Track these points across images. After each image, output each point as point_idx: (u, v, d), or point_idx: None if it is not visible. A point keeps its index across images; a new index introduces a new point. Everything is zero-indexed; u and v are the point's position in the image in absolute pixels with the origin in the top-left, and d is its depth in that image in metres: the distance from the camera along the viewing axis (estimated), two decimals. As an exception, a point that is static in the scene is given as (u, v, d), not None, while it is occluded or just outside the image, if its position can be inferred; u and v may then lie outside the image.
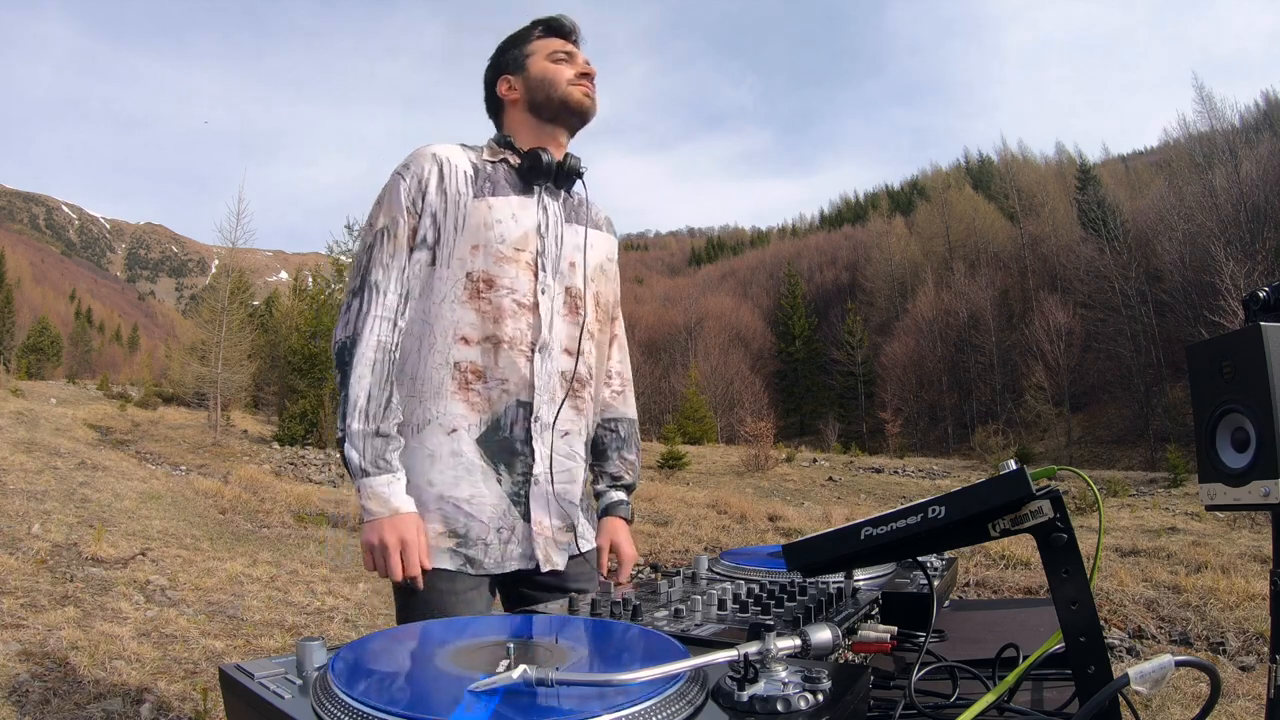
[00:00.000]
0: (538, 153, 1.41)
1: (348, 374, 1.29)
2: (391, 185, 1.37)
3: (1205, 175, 38.80)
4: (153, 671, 3.49)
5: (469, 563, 1.34)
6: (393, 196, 1.36)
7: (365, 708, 0.57)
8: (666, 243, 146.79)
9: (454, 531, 1.33)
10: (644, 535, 9.38)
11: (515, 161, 1.44)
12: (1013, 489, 0.72)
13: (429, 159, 1.37)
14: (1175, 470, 18.58)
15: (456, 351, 1.35)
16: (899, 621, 1.07)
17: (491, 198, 1.38)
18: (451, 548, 1.33)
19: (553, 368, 1.41)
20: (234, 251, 23.28)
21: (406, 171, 1.37)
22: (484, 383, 1.35)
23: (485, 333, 1.35)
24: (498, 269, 1.36)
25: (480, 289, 1.35)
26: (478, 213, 1.36)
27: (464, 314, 1.35)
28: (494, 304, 1.36)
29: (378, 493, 1.25)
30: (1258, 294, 1.06)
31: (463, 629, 0.84)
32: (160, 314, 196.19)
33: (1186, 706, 3.42)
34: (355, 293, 1.34)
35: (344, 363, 1.30)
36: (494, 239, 1.36)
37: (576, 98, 1.45)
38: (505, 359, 1.36)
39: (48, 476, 9.58)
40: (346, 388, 1.28)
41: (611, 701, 0.57)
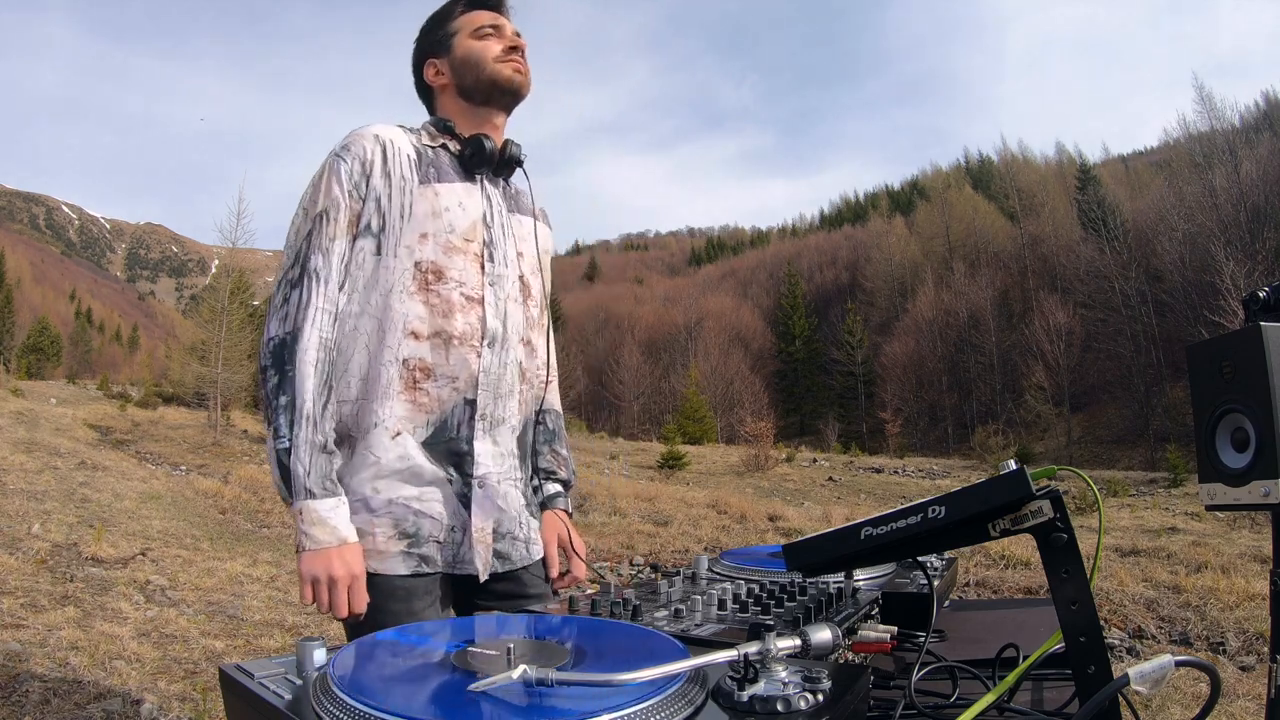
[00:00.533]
0: (480, 139, 1.34)
1: (289, 374, 1.17)
2: (330, 166, 1.26)
3: (1205, 175, 38.83)
4: (153, 671, 3.49)
5: (423, 561, 1.25)
6: (332, 179, 1.25)
7: (365, 708, 0.57)
8: (666, 243, 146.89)
9: (404, 532, 1.25)
10: (644, 535, 9.39)
11: (456, 148, 1.36)
12: (1013, 489, 0.72)
13: (371, 140, 1.27)
14: (1175, 470, 18.59)
15: (406, 347, 1.26)
16: (899, 621, 1.07)
17: (438, 184, 1.30)
18: (404, 549, 1.24)
19: (508, 359, 1.34)
20: (234, 251, 23.28)
21: (346, 153, 1.26)
22: (433, 381, 1.27)
23: (435, 327, 1.27)
24: (446, 260, 1.28)
25: (429, 280, 1.27)
26: (424, 199, 1.28)
27: (413, 306, 1.26)
28: (443, 297, 1.27)
29: (324, 519, 1.14)
30: (1258, 294, 1.06)
31: (463, 629, 0.84)
32: (160, 314, 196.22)
33: (1186, 706, 3.43)
34: (294, 284, 1.21)
35: (282, 361, 1.18)
36: (443, 228, 1.29)
37: (506, 75, 1.37)
38: (456, 355, 1.28)
39: (48, 476, 9.58)
40: (291, 390, 1.16)
41: (611, 701, 0.57)
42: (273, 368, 1.18)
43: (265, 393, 1.19)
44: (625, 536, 9.21)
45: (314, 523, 1.14)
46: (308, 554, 1.14)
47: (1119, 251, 42.34)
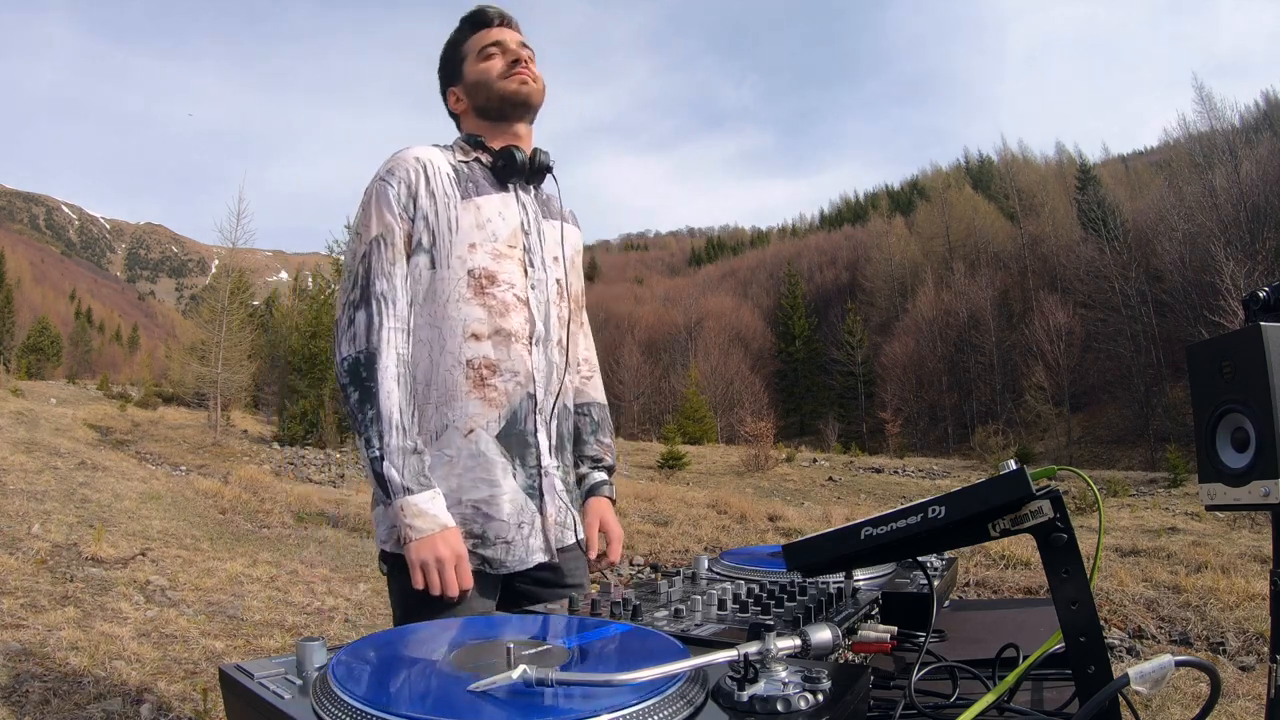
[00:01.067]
0: (511, 151, 1.41)
1: (373, 390, 1.25)
2: (379, 191, 1.34)
3: (1205, 175, 38.81)
4: (153, 671, 3.49)
5: (486, 563, 1.34)
6: (382, 203, 1.33)
7: (365, 708, 0.57)
8: (666, 243, 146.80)
9: (471, 533, 1.33)
10: (644, 535, 9.38)
11: (488, 160, 1.44)
12: (1013, 489, 0.72)
13: (412, 163, 1.36)
14: (1175, 470, 18.59)
15: (469, 349, 1.34)
16: (899, 621, 1.07)
17: (478, 197, 1.38)
18: (470, 549, 1.32)
19: (552, 357, 1.43)
20: (234, 251, 23.30)
21: (392, 177, 1.35)
22: (499, 376, 1.36)
23: (494, 326, 1.36)
24: (496, 265, 1.37)
25: (484, 284, 1.36)
26: (469, 213, 1.36)
27: (471, 310, 1.34)
28: (498, 299, 1.36)
29: (424, 510, 1.23)
30: (1258, 294, 1.06)
31: (463, 629, 0.84)
32: (160, 314, 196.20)
33: (1186, 706, 3.42)
34: (358, 305, 1.30)
35: (363, 379, 1.25)
36: (489, 237, 1.37)
37: (512, 89, 1.43)
38: (515, 351, 1.37)
39: (48, 476, 9.58)
40: (375, 404, 1.24)
41: (611, 701, 0.57)
42: (352, 385, 1.26)
43: (350, 409, 1.27)
44: (625, 536, 9.17)
45: (415, 514, 1.22)
46: (415, 543, 1.22)
47: (1119, 251, 42.32)
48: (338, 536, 8.41)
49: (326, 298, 26.48)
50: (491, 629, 0.84)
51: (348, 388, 1.26)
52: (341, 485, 14.25)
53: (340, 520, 9.45)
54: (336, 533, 8.72)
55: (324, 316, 24.95)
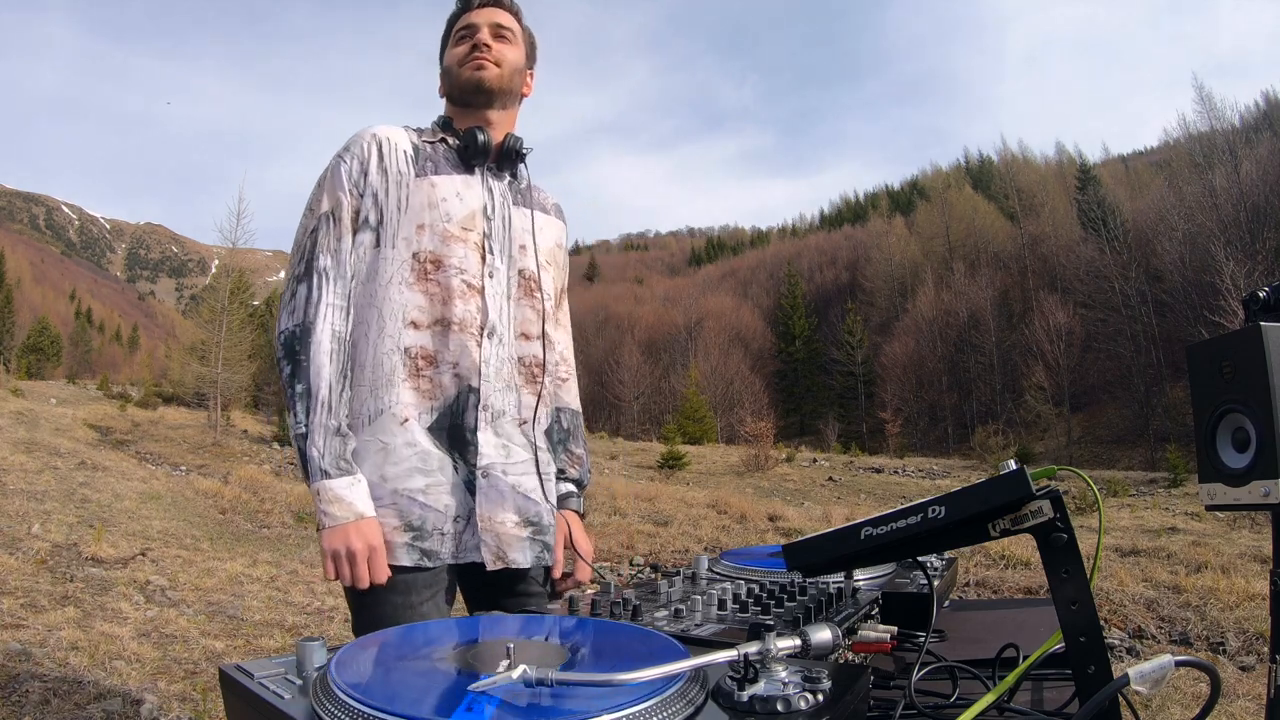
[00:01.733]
0: (474, 131, 1.36)
1: (303, 365, 1.22)
2: (332, 167, 1.31)
3: (1205, 175, 38.82)
4: (153, 671, 3.49)
5: (425, 555, 1.26)
6: (334, 179, 1.30)
7: (365, 708, 0.57)
8: (666, 243, 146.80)
9: (409, 525, 1.26)
10: (644, 535, 9.38)
11: (453, 142, 1.40)
12: (1013, 489, 0.72)
13: (368, 139, 1.33)
14: (1175, 470, 18.58)
15: (406, 336, 1.29)
16: (899, 621, 1.07)
17: (434, 176, 1.34)
18: (408, 542, 1.26)
19: (505, 353, 1.35)
20: (234, 251, 23.28)
21: (347, 153, 1.32)
22: (434, 368, 1.29)
23: (435, 315, 1.30)
24: (445, 248, 1.31)
25: (428, 270, 1.30)
26: (421, 191, 1.32)
27: (412, 296, 1.29)
28: (442, 285, 1.30)
29: (340, 496, 1.18)
30: (1258, 294, 1.06)
31: (463, 629, 0.84)
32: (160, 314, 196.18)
33: (1186, 706, 3.42)
34: (300, 279, 1.26)
35: (295, 353, 1.22)
36: (439, 218, 1.32)
37: (465, 76, 1.39)
38: (456, 342, 1.30)
39: (48, 476, 9.58)
40: (305, 379, 1.21)
41: (611, 701, 0.57)
42: (286, 359, 1.23)
43: (282, 383, 1.24)
44: (625, 536, 9.20)
45: (331, 500, 1.18)
46: (327, 531, 1.18)
47: (1119, 251, 42.32)
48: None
49: (326, 298, 26.41)
50: (491, 629, 0.84)
51: (282, 361, 1.24)
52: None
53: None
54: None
55: (324, 316, 24.90)
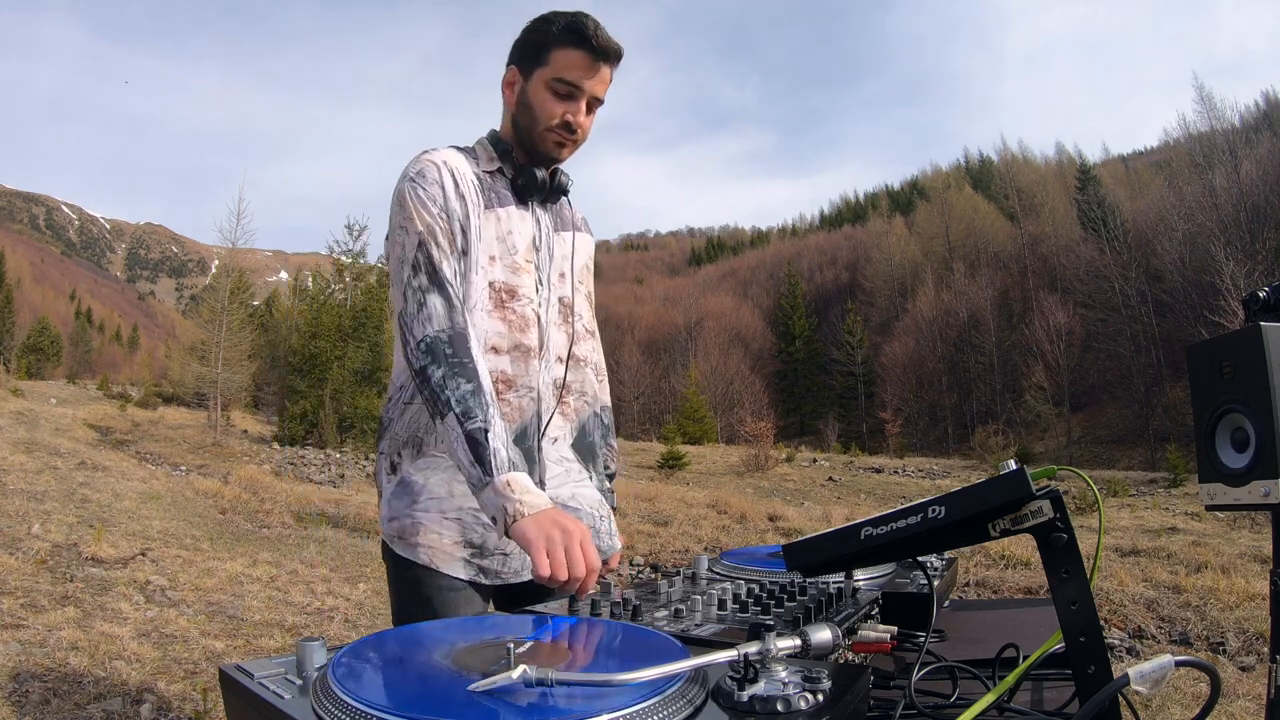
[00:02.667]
0: (533, 171, 1.38)
1: (468, 364, 1.17)
2: (408, 192, 1.29)
3: (1205, 175, 38.83)
4: (153, 671, 3.49)
5: (481, 573, 1.31)
6: (418, 202, 1.28)
7: (365, 708, 0.57)
8: (666, 243, 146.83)
9: (470, 542, 1.30)
10: (644, 535, 9.38)
11: (510, 174, 1.40)
12: (1013, 489, 0.72)
13: (441, 165, 1.31)
14: (1175, 470, 18.59)
15: (490, 361, 1.31)
16: (899, 621, 1.07)
17: (500, 209, 1.36)
18: (466, 558, 1.30)
19: (549, 377, 1.40)
20: (234, 251, 23.31)
21: (422, 179, 1.30)
22: (514, 391, 1.33)
23: (513, 341, 1.34)
24: (516, 279, 1.35)
25: (504, 299, 1.34)
26: (490, 223, 1.34)
27: (492, 324, 1.32)
28: (518, 314, 1.35)
29: (531, 487, 1.12)
30: (1258, 294, 1.06)
31: (463, 629, 0.84)
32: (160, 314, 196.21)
33: (1186, 706, 3.43)
34: (428, 289, 1.22)
35: (449, 356, 1.17)
36: (508, 250, 1.35)
37: (545, 148, 1.36)
38: (531, 367, 1.35)
39: (48, 476, 9.58)
40: (475, 379, 1.16)
41: (611, 701, 0.57)
42: (434, 364, 1.17)
43: (432, 387, 1.16)
44: (625, 536, 9.12)
45: (526, 490, 1.10)
46: (530, 519, 1.08)
47: (1119, 251, 42.32)
48: (338, 536, 8.41)
49: (326, 298, 26.45)
50: (491, 629, 0.84)
51: (428, 367, 1.17)
52: (341, 485, 14.24)
53: (340, 520, 9.45)
54: (336, 533, 8.72)
55: (324, 316, 24.92)
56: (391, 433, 1.37)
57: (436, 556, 1.28)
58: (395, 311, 1.27)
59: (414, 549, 1.29)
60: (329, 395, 21.65)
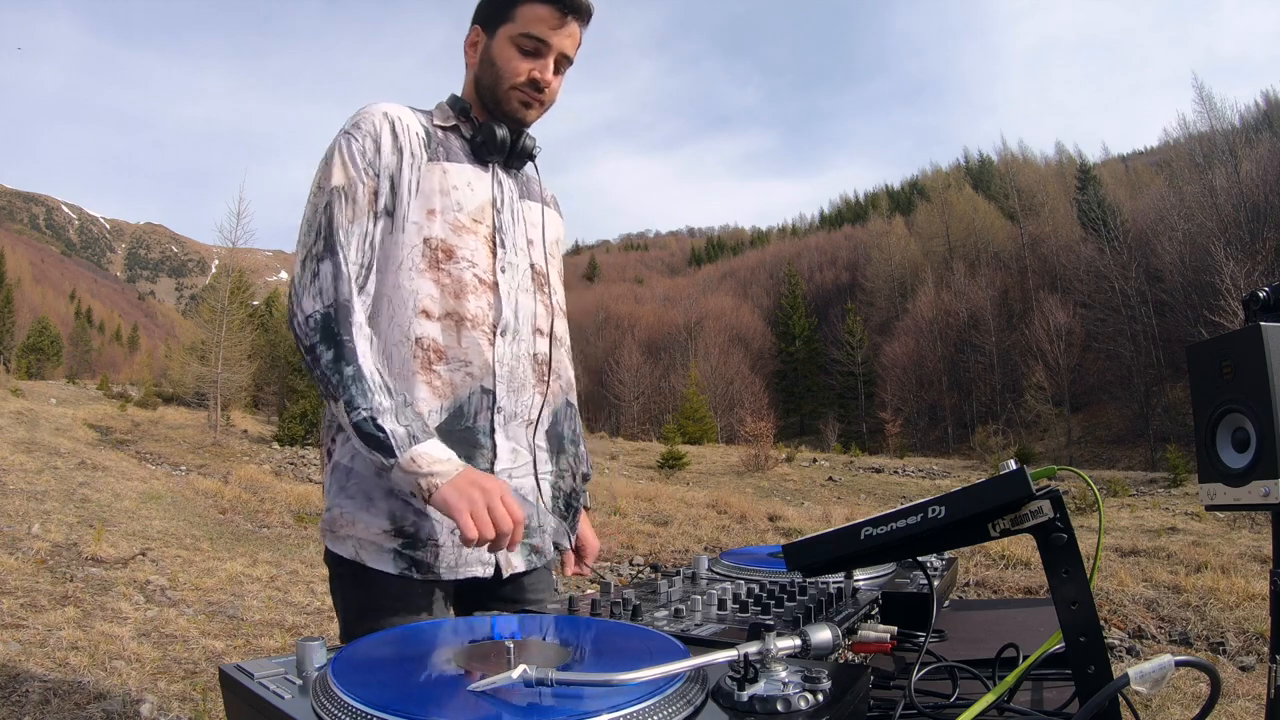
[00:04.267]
0: (492, 127, 1.27)
1: (347, 345, 1.10)
2: (341, 145, 1.20)
3: (1205, 175, 38.85)
4: (153, 671, 3.49)
5: (414, 566, 1.18)
6: (345, 156, 1.19)
7: (365, 708, 0.57)
8: (666, 243, 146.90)
9: (401, 530, 1.18)
10: (644, 535, 9.38)
11: (467, 132, 1.30)
12: (1013, 489, 0.72)
13: (380, 116, 1.22)
14: (1175, 470, 18.60)
15: (418, 325, 1.20)
16: (899, 621, 1.07)
17: (446, 162, 1.25)
18: (396, 549, 1.17)
19: (519, 350, 1.28)
20: (234, 251, 23.30)
21: (357, 131, 1.20)
22: (445, 364, 1.21)
23: (446, 308, 1.22)
24: (457, 239, 1.24)
25: (439, 258, 1.22)
26: (432, 176, 1.23)
27: (423, 284, 1.21)
28: (454, 276, 1.22)
29: (439, 455, 1.06)
30: (1258, 294, 1.06)
31: (462, 629, 0.84)
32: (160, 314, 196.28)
33: (1186, 706, 3.43)
34: (321, 257, 1.14)
35: (334, 334, 1.10)
36: (451, 205, 1.24)
37: (510, 107, 1.28)
38: (468, 339, 1.22)
39: (48, 476, 9.58)
40: (354, 361, 1.09)
41: (611, 701, 0.57)
42: (323, 342, 1.10)
43: (321, 370, 1.10)
44: (625, 536, 9.20)
45: (435, 460, 1.06)
46: (446, 485, 1.04)
47: (1119, 251, 42.32)
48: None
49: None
50: (491, 629, 0.84)
51: (318, 346, 1.10)
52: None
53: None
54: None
55: (324, 316, 24.91)
56: (327, 416, 1.25)
57: (364, 549, 1.18)
58: (291, 279, 1.18)
59: (342, 542, 1.20)
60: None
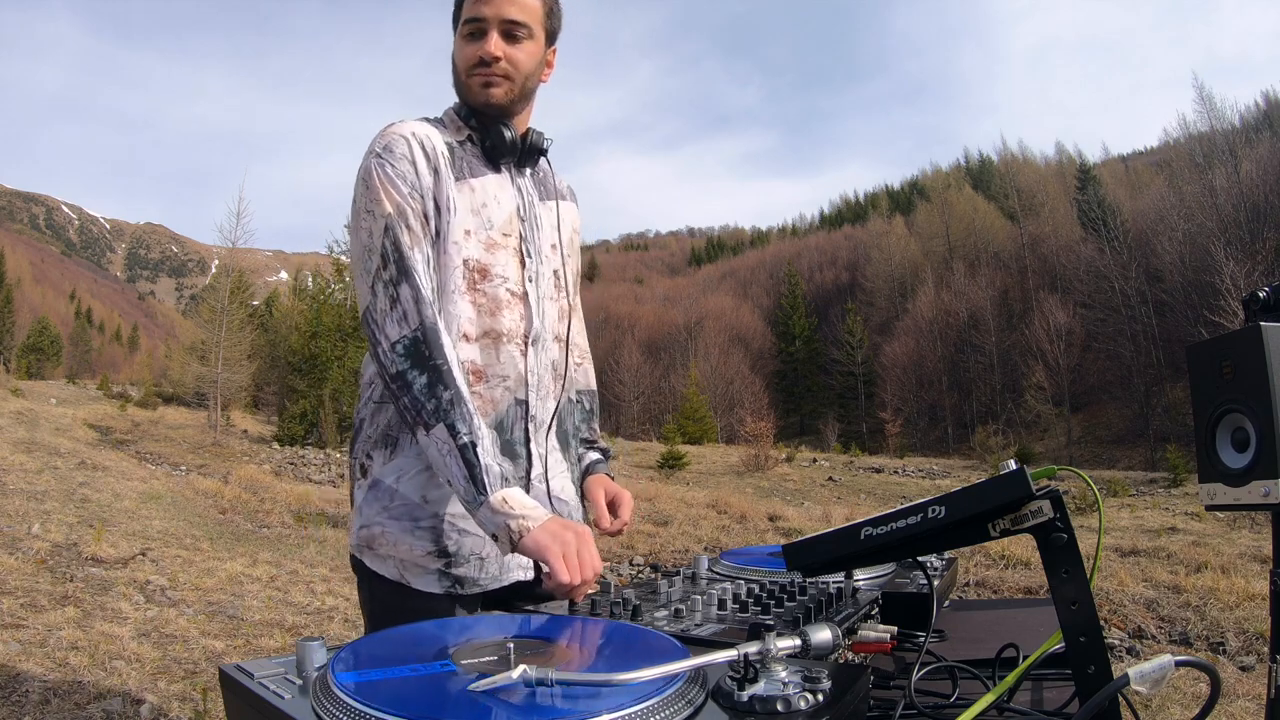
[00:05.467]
0: (500, 129, 1.26)
1: (443, 370, 1.08)
2: (377, 170, 1.18)
3: (1205, 175, 38.85)
4: (153, 671, 3.49)
5: (458, 584, 1.20)
6: (387, 181, 1.17)
7: (365, 708, 0.57)
8: (666, 243, 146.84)
9: (444, 550, 1.20)
10: (644, 535, 9.38)
11: (478, 139, 1.29)
12: (1013, 489, 0.72)
13: (409, 138, 1.20)
14: (1175, 470, 18.59)
15: (460, 351, 1.20)
16: (899, 621, 1.07)
17: (472, 179, 1.25)
18: (440, 569, 1.20)
19: (545, 359, 1.30)
20: (234, 251, 23.31)
21: (390, 155, 1.19)
22: (485, 383, 1.23)
23: (483, 327, 1.23)
24: (490, 256, 1.24)
25: (476, 279, 1.23)
26: (464, 195, 1.24)
27: (464, 307, 1.22)
28: (489, 295, 1.24)
29: (527, 501, 1.06)
30: (1258, 294, 1.06)
31: (462, 629, 0.84)
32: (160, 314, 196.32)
33: (1186, 706, 3.43)
34: (397, 281, 1.12)
35: (427, 358, 1.08)
36: (483, 224, 1.24)
37: (476, 97, 1.25)
38: (505, 354, 1.24)
39: (48, 476, 9.58)
40: (453, 385, 1.08)
41: (611, 701, 0.57)
42: (415, 368, 1.08)
43: (413, 395, 1.08)
44: (625, 536, 9.19)
45: (524, 505, 1.04)
46: (539, 531, 1.02)
47: (1119, 251, 42.31)
48: (337, 536, 8.40)
49: (326, 298, 26.45)
50: (492, 629, 0.84)
51: (408, 372, 1.08)
52: (341, 485, 14.22)
53: (340, 520, 9.44)
54: (336, 533, 8.71)
55: (324, 316, 24.92)
56: (363, 434, 1.27)
57: (408, 570, 1.20)
58: (363, 307, 1.15)
59: (383, 561, 1.21)
60: (329, 395, 21.63)
